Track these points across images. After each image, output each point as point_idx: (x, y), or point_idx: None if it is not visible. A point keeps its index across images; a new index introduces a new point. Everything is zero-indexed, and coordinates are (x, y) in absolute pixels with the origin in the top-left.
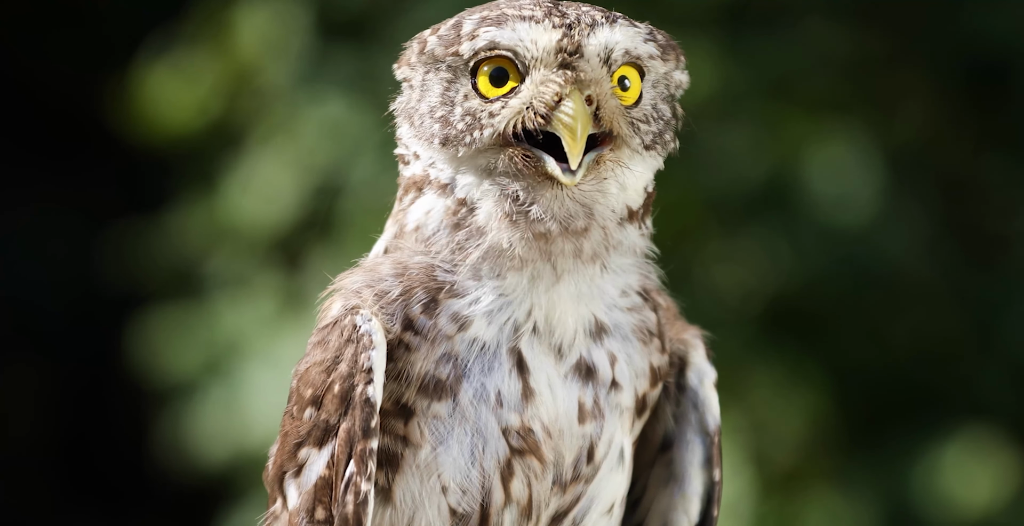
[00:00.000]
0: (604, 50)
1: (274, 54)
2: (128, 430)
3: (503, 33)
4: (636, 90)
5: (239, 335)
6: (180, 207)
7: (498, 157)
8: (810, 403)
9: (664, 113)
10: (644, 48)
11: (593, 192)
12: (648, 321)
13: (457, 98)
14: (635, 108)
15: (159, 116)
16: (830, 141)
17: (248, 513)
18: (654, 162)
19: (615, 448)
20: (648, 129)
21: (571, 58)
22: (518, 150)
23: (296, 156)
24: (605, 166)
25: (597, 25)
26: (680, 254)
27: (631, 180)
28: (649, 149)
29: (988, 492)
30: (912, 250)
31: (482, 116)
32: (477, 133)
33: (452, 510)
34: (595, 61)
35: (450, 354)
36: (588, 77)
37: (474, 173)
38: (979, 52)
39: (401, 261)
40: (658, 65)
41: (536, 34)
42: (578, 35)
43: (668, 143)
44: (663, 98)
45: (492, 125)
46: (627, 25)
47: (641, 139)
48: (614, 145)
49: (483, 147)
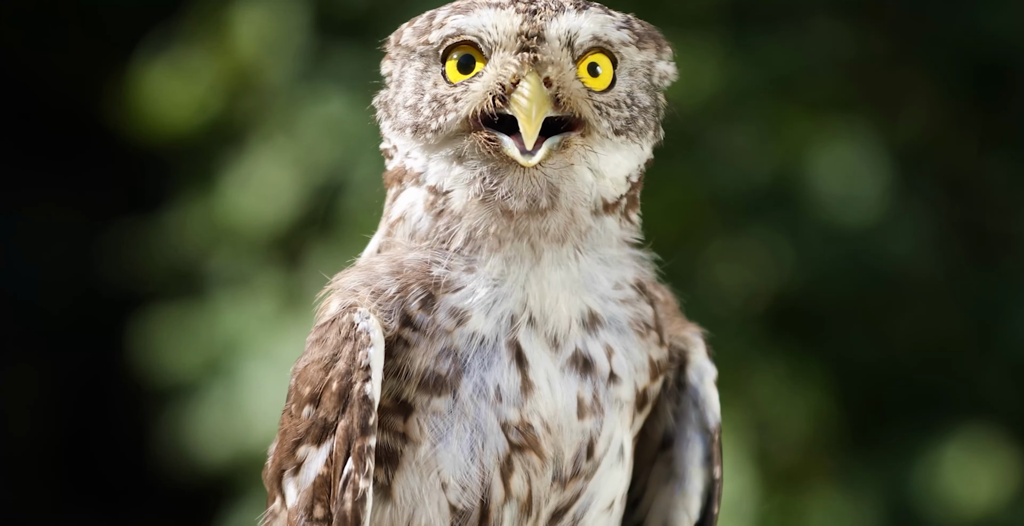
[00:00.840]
0: (566, 34)
1: (273, 52)
2: (128, 430)
3: (468, 19)
4: (607, 76)
5: (239, 334)
6: (180, 206)
7: (465, 143)
8: (812, 402)
9: (641, 101)
10: (616, 35)
11: (559, 174)
12: (644, 314)
13: (427, 86)
14: (606, 94)
15: (158, 115)
16: (834, 140)
17: (249, 512)
18: (633, 151)
19: (615, 444)
20: (619, 115)
21: (531, 42)
22: (482, 134)
23: (296, 154)
24: (573, 150)
25: (563, 11)
26: (684, 252)
27: (606, 167)
28: (619, 134)
29: (989, 491)
30: (915, 249)
31: (447, 101)
32: (442, 118)
33: (452, 507)
34: (556, 45)
35: (449, 349)
36: (546, 60)
37: (445, 160)
38: (982, 52)
39: (396, 259)
40: (632, 52)
41: (498, 19)
42: (540, 19)
43: (645, 131)
44: (642, 87)
45: (456, 110)
46: (600, 12)
47: (610, 124)
48: (584, 130)
49: (450, 133)
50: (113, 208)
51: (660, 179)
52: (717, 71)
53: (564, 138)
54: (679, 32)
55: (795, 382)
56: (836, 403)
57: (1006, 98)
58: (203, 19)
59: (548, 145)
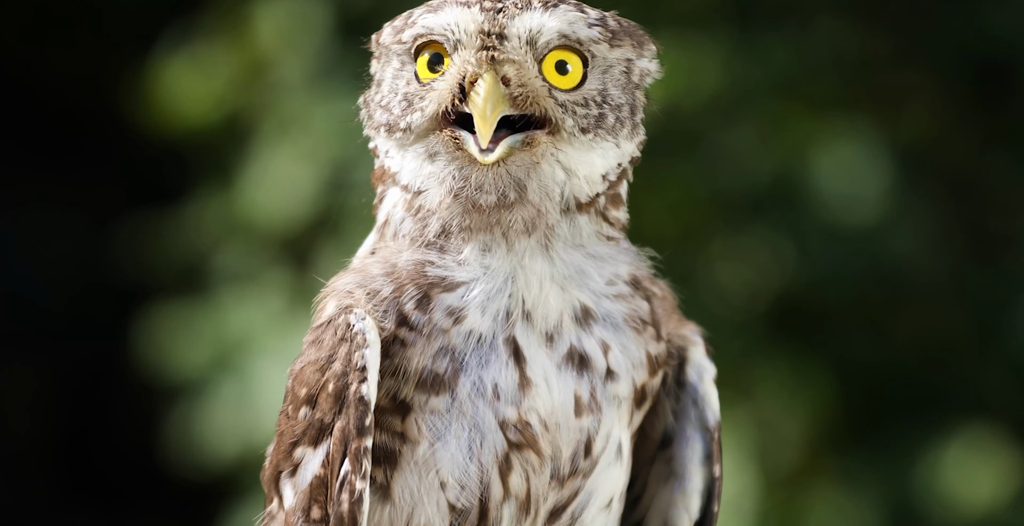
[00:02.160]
0: (528, 32)
1: (291, 49)
2: (132, 428)
3: (436, 18)
4: (577, 74)
5: (247, 331)
6: (193, 201)
7: (434, 141)
8: (814, 401)
9: (615, 99)
10: (585, 33)
11: (525, 171)
12: (640, 310)
13: (401, 85)
14: (573, 92)
15: (175, 109)
16: (836, 140)
17: (253, 510)
18: (608, 149)
19: (613, 442)
20: (586, 113)
21: (492, 40)
22: (447, 132)
23: (310, 151)
24: (540, 148)
25: (528, 9)
26: (685, 251)
27: (579, 165)
28: (586, 132)
29: (990, 490)
30: (917, 249)
31: (415, 100)
32: (410, 117)
33: (451, 506)
34: (516, 43)
35: (447, 348)
36: (504, 58)
37: (417, 158)
38: (985, 51)
39: (389, 259)
40: (604, 50)
41: (461, 17)
42: (502, 17)
43: (617, 129)
44: (618, 85)
45: (422, 109)
46: (571, 10)
47: (575, 122)
48: (551, 129)
49: (420, 131)
50: (120, 204)
51: (662, 178)
52: (719, 70)
53: (528, 136)
54: (681, 31)
55: (796, 381)
56: (837, 402)
57: (1008, 97)
58: (223, 14)
59: (507, 143)
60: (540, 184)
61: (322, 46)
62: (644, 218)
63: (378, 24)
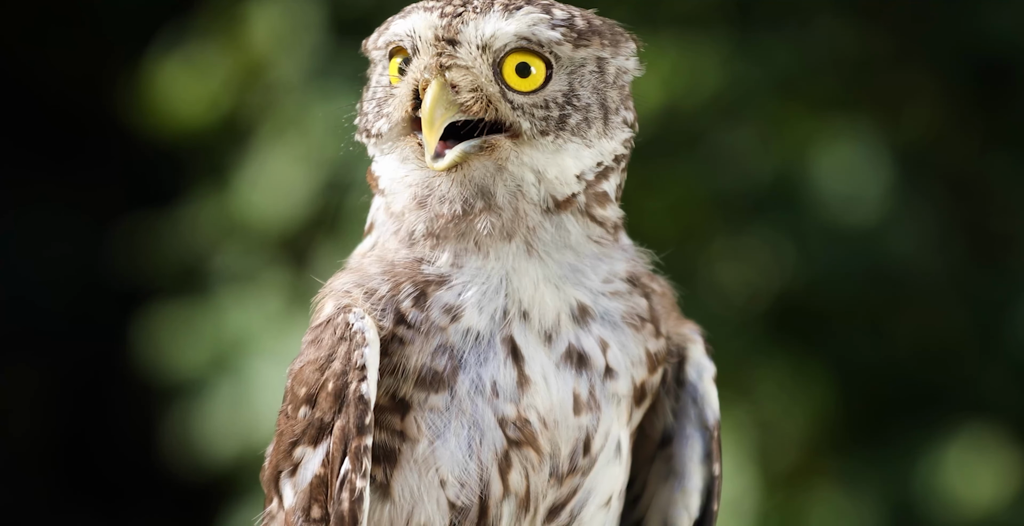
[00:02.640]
0: (481, 37)
1: (286, 50)
2: (132, 428)
3: (402, 23)
4: (539, 77)
5: (246, 332)
6: (190, 202)
7: (405, 146)
8: (814, 401)
9: (583, 99)
10: (547, 35)
11: (485, 177)
12: (638, 307)
13: (378, 91)
14: (533, 94)
15: (170, 110)
16: (836, 140)
17: (253, 510)
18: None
19: (612, 440)
20: (546, 115)
21: (444, 46)
22: (413, 138)
23: (307, 152)
24: (502, 152)
25: (486, 13)
26: (686, 252)
27: (548, 167)
28: (546, 134)
29: (991, 490)
30: (917, 249)
31: (384, 105)
32: (379, 122)
33: (451, 503)
34: (468, 48)
35: (445, 345)
36: (453, 63)
37: (392, 163)
38: (985, 51)
39: (386, 258)
40: (567, 51)
41: (419, 23)
42: (457, 23)
43: (582, 129)
44: (587, 84)
45: (388, 114)
46: (533, 12)
47: (532, 125)
48: (512, 132)
49: (391, 136)
50: (118, 205)
51: (662, 178)
52: (720, 70)
53: (485, 141)
54: (682, 31)
55: (797, 382)
56: (838, 403)
57: (1008, 97)
58: (218, 15)
59: (461, 149)
60: (508, 188)
61: (317, 46)
62: (644, 218)
63: (373, 24)
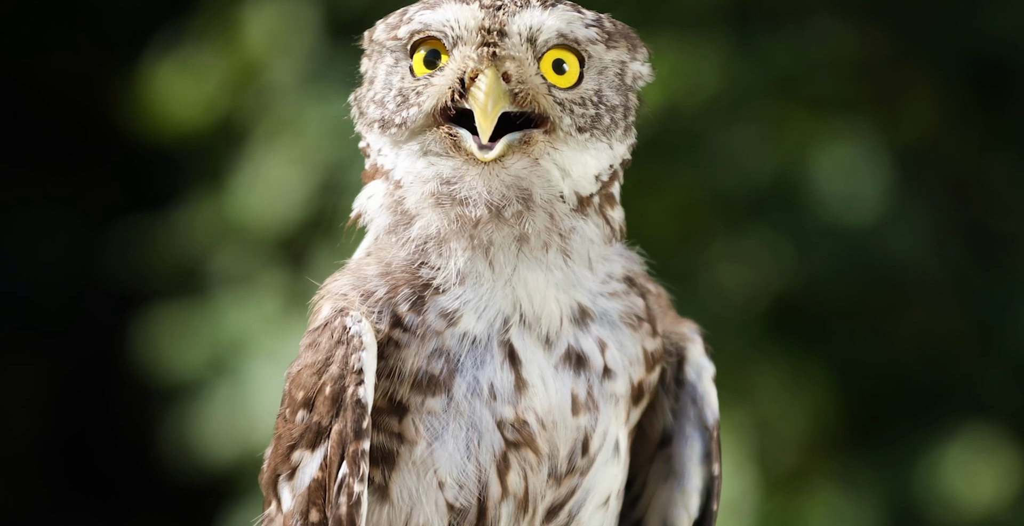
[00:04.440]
0: (528, 30)
1: (281, 52)
2: (130, 429)
3: (434, 15)
4: (574, 74)
5: (243, 333)
6: (187, 204)
7: (429, 137)
8: (813, 402)
9: (610, 100)
10: (583, 32)
11: (524, 173)
12: (635, 306)
13: (395, 81)
14: (570, 91)
15: (166, 113)
16: (836, 140)
17: (250, 512)
18: (601, 150)
19: (610, 440)
20: (583, 112)
21: (492, 37)
22: (443, 129)
23: (303, 154)
24: (537, 147)
25: (527, 7)
26: (685, 252)
27: (573, 165)
28: (583, 132)
29: (991, 491)
30: (917, 249)
31: (411, 95)
32: (406, 112)
33: (450, 505)
34: (516, 40)
35: (441, 349)
36: (505, 54)
37: (411, 155)
38: (984, 51)
39: (384, 259)
40: (600, 51)
41: (462, 14)
42: (503, 15)
43: (612, 130)
44: (612, 86)
45: (419, 104)
46: (568, 10)
47: (573, 121)
48: (548, 128)
49: (416, 128)
50: (115, 207)
51: (662, 179)
52: (719, 71)
53: (526, 134)
54: (681, 32)
55: (796, 382)
56: (837, 403)
57: (1008, 97)
58: (213, 18)
59: (507, 140)
60: (544, 186)
61: (313, 48)
62: (644, 219)
63: (368, 25)
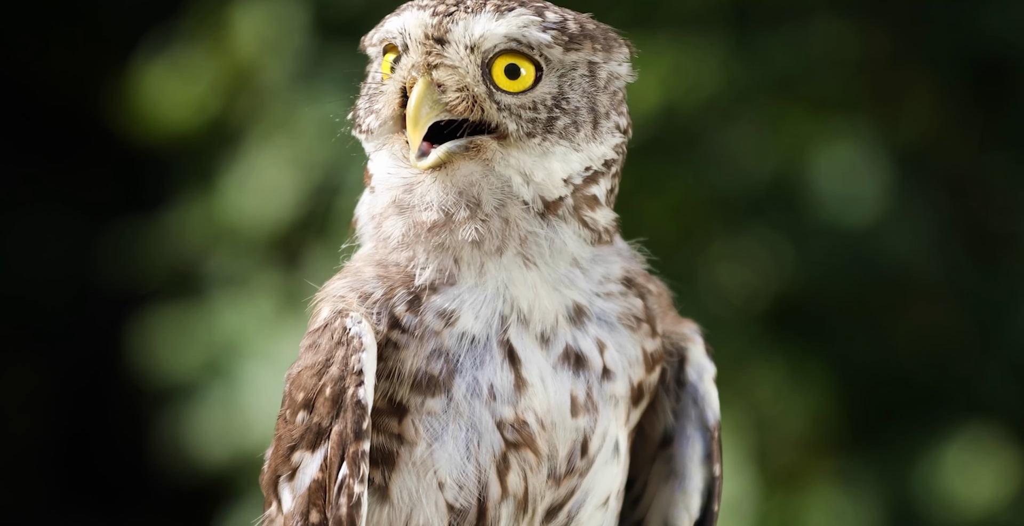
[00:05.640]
0: (470, 37)
1: (272, 53)
2: (127, 429)
3: (395, 21)
4: (528, 79)
5: (238, 335)
6: (179, 206)
7: (396, 144)
8: (812, 401)
9: (573, 102)
10: (537, 37)
11: (473, 179)
12: (634, 307)
13: (372, 87)
14: (521, 96)
15: (157, 114)
16: (835, 140)
17: (247, 513)
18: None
19: (609, 441)
20: (534, 117)
21: (433, 45)
22: (402, 136)
23: (294, 155)
24: (488, 153)
25: (477, 13)
26: (684, 252)
27: (535, 170)
28: (533, 136)
29: (990, 491)
30: (916, 249)
31: (374, 102)
32: (369, 117)
33: (450, 506)
34: (456, 47)
35: (440, 350)
36: (440, 62)
37: (382, 162)
38: (984, 51)
39: (381, 261)
40: (557, 53)
41: (410, 21)
42: (447, 22)
43: (570, 133)
44: (577, 88)
45: (378, 111)
46: (525, 14)
47: (519, 126)
48: (500, 134)
49: (381, 134)
50: (111, 208)
51: (661, 179)
52: (718, 71)
53: (471, 140)
54: (680, 32)
55: (795, 382)
56: (836, 403)
57: (1007, 97)
58: (203, 19)
59: (445, 148)
60: (495, 192)
61: (304, 49)
62: (643, 219)
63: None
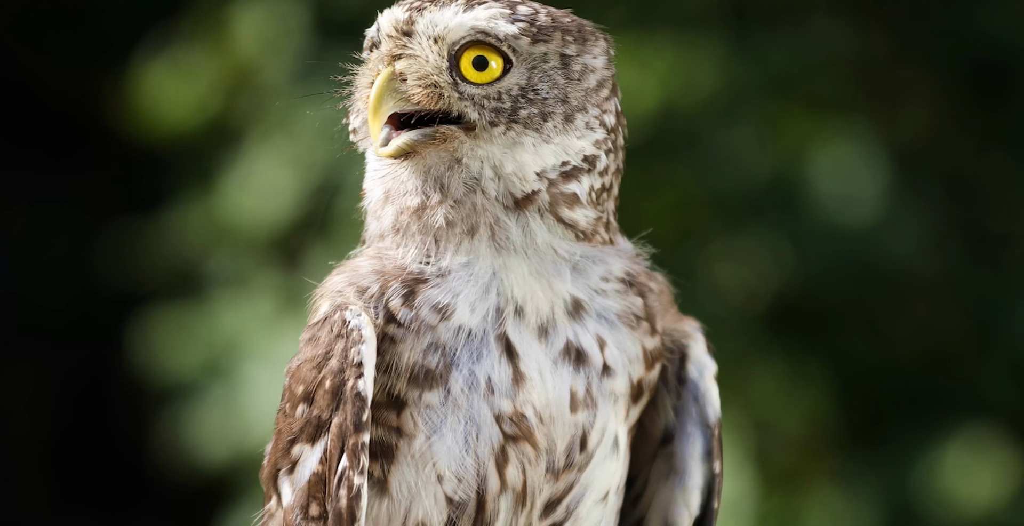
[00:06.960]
0: (434, 29)
1: (272, 52)
2: (128, 429)
3: (380, 18)
4: (496, 70)
5: (238, 334)
6: (179, 206)
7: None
8: (812, 401)
9: (542, 93)
10: (504, 29)
11: (440, 166)
12: (634, 305)
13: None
14: (487, 87)
15: (157, 114)
16: (834, 140)
17: (247, 512)
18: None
19: (608, 437)
20: (498, 106)
21: (400, 36)
22: None
23: (294, 154)
24: (454, 143)
25: (445, 6)
26: (684, 252)
27: (504, 162)
28: (495, 126)
29: (989, 490)
30: (915, 249)
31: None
32: (354, 116)
33: (448, 498)
34: (420, 39)
35: (436, 343)
36: (401, 53)
37: (371, 157)
38: (982, 50)
39: (379, 256)
40: (524, 45)
41: (386, 17)
42: (414, 15)
43: (535, 123)
44: (547, 80)
45: (359, 109)
46: (493, 6)
47: (481, 116)
48: (467, 124)
49: (364, 130)
50: (111, 207)
51: (660, 179)
52: (717, 71)
53: (436, 129)
54: (679, 31)
55: (794, 381)
56: (835, 402)
57: (1006, 97)
58: (203, 19)
59: (408, 136)
60: (463, 181)
61: (303, 49)
62: (643, 219)
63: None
